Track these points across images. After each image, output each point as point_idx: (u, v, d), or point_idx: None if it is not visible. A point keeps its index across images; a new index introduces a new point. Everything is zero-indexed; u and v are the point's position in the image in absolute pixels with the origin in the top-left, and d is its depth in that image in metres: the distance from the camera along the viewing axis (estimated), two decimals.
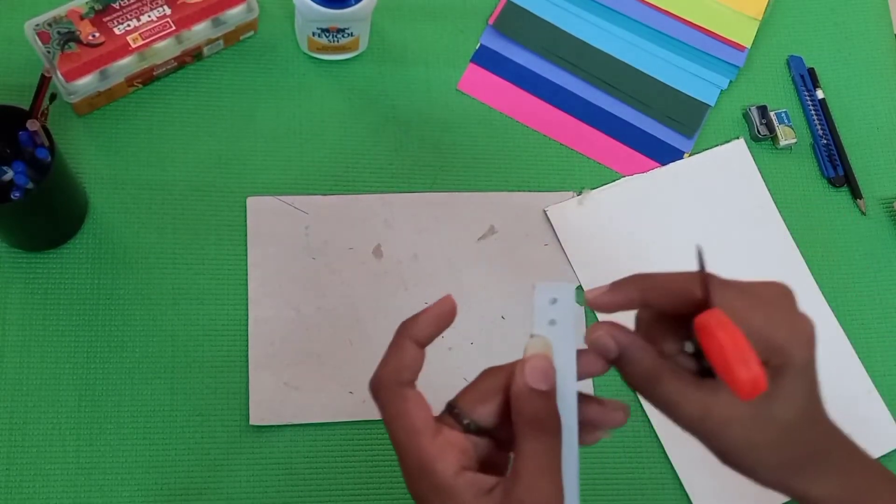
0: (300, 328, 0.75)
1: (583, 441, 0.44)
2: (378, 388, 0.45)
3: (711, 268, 0.43)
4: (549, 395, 0.43)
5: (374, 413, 0.73)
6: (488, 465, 0.45)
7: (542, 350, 0.43)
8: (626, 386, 0.46)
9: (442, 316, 0.45)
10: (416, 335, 0.45)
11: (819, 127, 0.88)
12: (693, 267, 0.44)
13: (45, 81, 0.68)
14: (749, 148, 0.86)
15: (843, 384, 0.80)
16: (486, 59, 0.86)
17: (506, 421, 0.44)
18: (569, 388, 0.43)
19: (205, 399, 0.72)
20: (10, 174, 0.69)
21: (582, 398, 0.45)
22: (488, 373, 0.46)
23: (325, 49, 0.82)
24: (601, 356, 0.44)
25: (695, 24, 0.89)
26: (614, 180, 0.84)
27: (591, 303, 0.45)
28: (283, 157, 0.80)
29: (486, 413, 0.44)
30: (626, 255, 0.81)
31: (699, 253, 0.43)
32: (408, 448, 0.42)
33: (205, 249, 0.76)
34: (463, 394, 0.46)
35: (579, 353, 0.44)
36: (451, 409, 0.45)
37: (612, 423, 0.46)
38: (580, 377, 0.44)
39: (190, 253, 0.76)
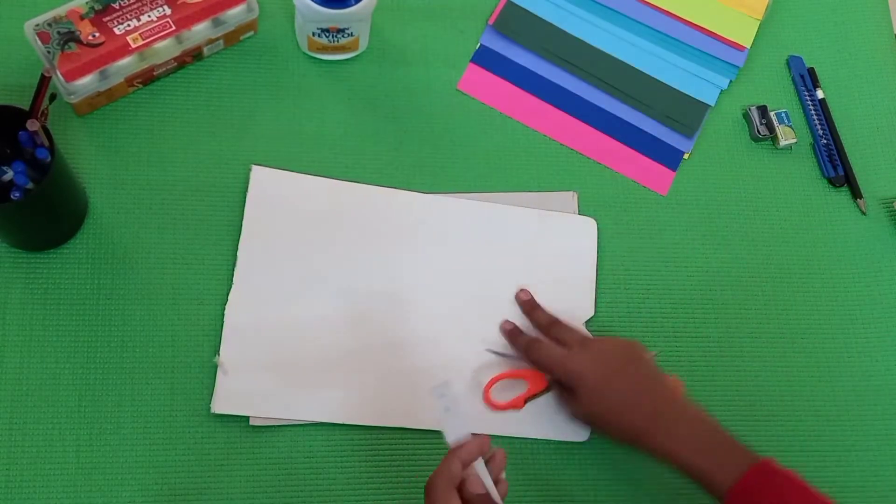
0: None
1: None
2: (434, 486, 0.61)
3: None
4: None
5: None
6: None
7: (477, 474, 0.63)
8: None
9: (482, 446, 0.63)
10: (462, 457, 0.62)
11: (819, 127, 0.88)
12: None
13: (45, 81, 0.68)
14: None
15: None
16: (486, 59, 0.86)
17: None
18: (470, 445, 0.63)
19: (205, 399, 0.72)
20: (10, 174, 0.69)
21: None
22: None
23: (325, 49, 0.82)
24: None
25: (695, 24, 0.89)
26: (614, 180, 0.84)
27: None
28: (283, 157, 0.80)
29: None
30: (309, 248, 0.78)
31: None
32: None
33: (205, 249, 0.76)
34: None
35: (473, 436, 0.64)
36: None
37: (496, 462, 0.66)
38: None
39: (190, 253, 0.76)
